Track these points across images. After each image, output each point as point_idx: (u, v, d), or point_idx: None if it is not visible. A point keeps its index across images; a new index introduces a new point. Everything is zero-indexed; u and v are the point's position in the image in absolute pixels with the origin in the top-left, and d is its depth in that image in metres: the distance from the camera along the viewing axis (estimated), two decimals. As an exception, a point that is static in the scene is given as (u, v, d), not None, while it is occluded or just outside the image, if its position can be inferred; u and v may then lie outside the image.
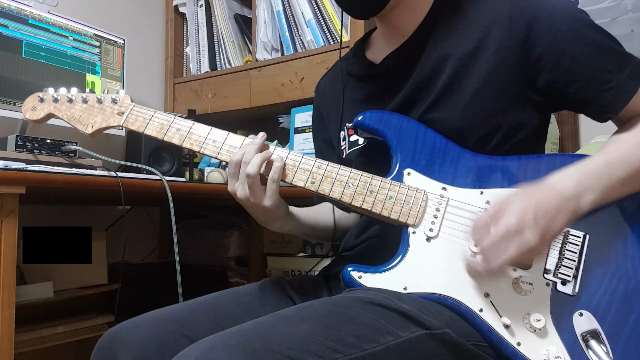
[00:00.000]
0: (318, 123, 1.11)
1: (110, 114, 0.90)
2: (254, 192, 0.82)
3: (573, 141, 1.78)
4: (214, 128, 0.86)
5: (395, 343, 0.66)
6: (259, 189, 0.82)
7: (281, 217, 0.89)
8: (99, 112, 0.90)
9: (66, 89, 0.93)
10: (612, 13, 1.72)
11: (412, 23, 0.90)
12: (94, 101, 0.91)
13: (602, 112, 0.81)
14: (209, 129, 0.86)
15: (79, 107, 0.91)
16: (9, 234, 1.01)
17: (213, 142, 0.85)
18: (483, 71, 0.82)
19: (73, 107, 0.91)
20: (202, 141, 0.85)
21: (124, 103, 0.90)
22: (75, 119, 0.90)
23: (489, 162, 0.82)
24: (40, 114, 0.91)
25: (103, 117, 0.89)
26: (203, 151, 0.85)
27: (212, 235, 2.07)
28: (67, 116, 0.90)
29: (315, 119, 1.12)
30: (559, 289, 0.75)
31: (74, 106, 0.91)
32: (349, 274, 0.77)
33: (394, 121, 0.84)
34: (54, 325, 1.52)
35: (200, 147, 0.85)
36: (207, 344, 0.62)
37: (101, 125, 0.89)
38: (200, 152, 0.85)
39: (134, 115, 0.89)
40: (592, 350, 0.72)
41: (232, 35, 2.10)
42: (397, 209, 0.79)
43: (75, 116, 0.90)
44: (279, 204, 0.85)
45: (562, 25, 0.80)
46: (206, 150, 0.85)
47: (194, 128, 0.86)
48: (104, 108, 0.90)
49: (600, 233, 0.77)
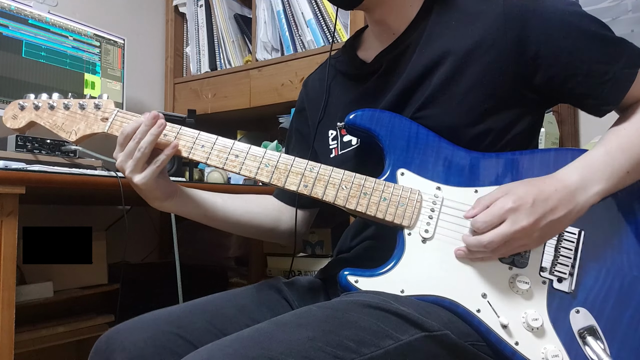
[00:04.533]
0: (298, 117, 1.09)
1: (94, 120, 0.86)
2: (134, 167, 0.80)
3: (573, 141, 1.78)
4: (202, 132, 0.84)
5: (395, 346, 0.66)
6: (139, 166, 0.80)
7: (158, 198, 0.85)
8: (82, 119, 0.86)
9: (47, 95, 0.88)
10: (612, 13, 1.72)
11: (403, 21, 0.89)
12: (76, 107, 0.87)
13: (602, 104, 0.81)
14: (197, 133, 0.83)
15: (61, 113, 0.86)
16: (9, 234, 1.01)
17: (202, 147, 0.83)
18: (477, 69, 0.81)
19: (55, 114, 0.86)
20: (190, 146, 0.83)
21: (108, 108, 0.86)
22: (58, 127, 0.86)
23: (483, 159, 0.81)
24: (21, 122, 0.86)
25: (86, 123, 0.86)
26: (192, 157, 0.82)
27: (212, 235, 2.07)
28: (49, 124, 0.86)
29: (295, 113, 1.10)
30: (556, 286, 0.75)
31: (56, 113, 0.87)
32: (345, 278, 0.77)
33: (385, 120, 0.83)
34: (54, 325, 1.52)
35: (188, 153, 0.82)
36: (205, 353, 0.62)
37: (85, 132, 0.85)
38: (189, 158, 0.82)
39: (118, 120, 0.85)
40: (589, 346, 0.72)
41: (232, 35, 2.10)
42: (392, 210, 0.79)
43: (57, 123, 0.86)
44: (156, 186, 0.83)
45: (556, 20, 0.80)
46: (194, 156, 0.82)
47: (181, 133, 0.83)
48: (87, 114, 0.86)
49: (595, 229, 0.77)
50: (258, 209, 1.00)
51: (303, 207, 1.04)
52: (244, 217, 0.98)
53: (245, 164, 0.82)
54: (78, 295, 1.58)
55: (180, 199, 0.89)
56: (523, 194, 0.72)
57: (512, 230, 0.71)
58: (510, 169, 0.81)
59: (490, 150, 0.82)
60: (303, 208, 1.04)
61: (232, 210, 0.96)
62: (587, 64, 0.79)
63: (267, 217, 1.01)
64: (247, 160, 0.82)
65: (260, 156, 0.82)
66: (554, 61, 0.80)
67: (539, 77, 0.81)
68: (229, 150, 0.82)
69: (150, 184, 0.81)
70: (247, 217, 0.98)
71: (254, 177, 0.81)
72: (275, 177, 0.81)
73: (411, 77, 0.85)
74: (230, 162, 0.82)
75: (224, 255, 2.04)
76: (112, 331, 0.79)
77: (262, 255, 1.93)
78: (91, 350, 0.79)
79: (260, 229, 1.01)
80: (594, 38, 0.80)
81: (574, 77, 0.80)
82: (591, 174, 0.75)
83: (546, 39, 0.79)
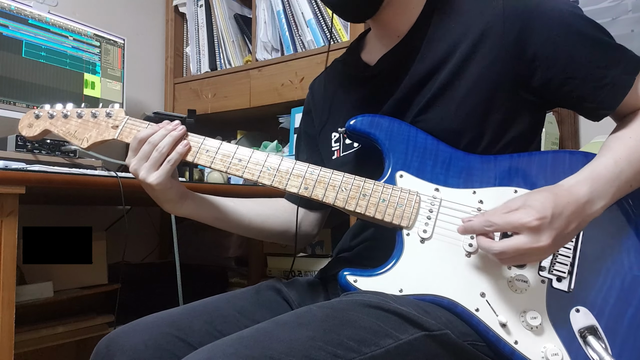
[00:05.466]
0: (305, 119, 1.10)
1: (105, 127, 0.90)
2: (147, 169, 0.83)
3: (573, 141, 1.78)
4: (208, 138, 0.87)
5: (395, 346, 0.66)
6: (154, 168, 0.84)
7: (172, 199, 0.88)
8: (93, 127, 0.91)
9: (62, 105, 0.94)
10: (612, 13, 1.72)
11: (405, 23, 0.89)
12: (88, 116, 0.91)
13: (599, 108, 0.81)
14: (202, 139, 0.87)
15: (74, 122, 0.91)
16: (9, 234, 1.02)
17: (207, 152, 0.86)
18: (476, 71, 0.82)
19: (68, 122, 0.91)
20: (195, 151, 0.86)
21: (118, 116, 0.91)
22: (70, 134, 0.91)
23: (481, 161, 0.82)
24: (36, 131, 0.92)
25: (98, 131, 0.90)
26: (197, 161, 0.86)
27: (212, 235, 2.07)
28: (62, 131, 0.91)
29: (303, 115, 1.11)
30: (555, 285, 0.75)
31: (69, 121, 0.91)
32: (344, 278, 0.77)
33: (385, 124, 0.85)
34: (54, 325, 1.52)
35: (193, 158, 0.86)
36: (205, 353, 0.62)
37: (96, 139, 0.90)
38: (194, 162, 0.86)
39: (127, 128, 0.89)
40: (590, 346, 0.72)
41: (232, 35, 2.10)
42: (391, 211, 0.80)
43: (70, 131, 0.91)
44: (170, 185, 0.85)
45: (555, 23, 0.80)
46: (200, 160, 0.86)
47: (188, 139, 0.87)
48: (99, 122, 0.91)
49: (594, 228, 0.77)
50: (270, 211, 1.02)
51: (314, 209, 1.05)
52: (257, 220, 0.99)
53: (247, 167, 0.84)
54: (78, 295, 1.58)
55: (193, 202, 0.91)
56: (542, 209, 0.69)
57: (531, 246, 0.68)
58: (508, 170, 0.81)
59: (488, 152, 0.82)
60: (314, 210, 1.06)
61: (245, 212, 0.97)
62: (586, 68, 0.79)
63: (278, 219, 1.02)
64: (249, 164, 0.84)
65: (262, 160, 0.85)
66: (552, 63, 0.80)
67: (537, 79, 0.81)
68: (232, 154, 0.85)
69: (165, 183, 0.83)
70: (259, 220, 0.99)
71: (257, 179, 0.84)
72: (277, 179, 0.84)
73: (413, 81, 0.86)
74: (233, 165, 0.85)
75: (224, 255, 2.04)
76: (112, 334, 0.80)
77: (262, 255, 1.93)
78: (91, 354, 0.79)
79: (273, 231, 1.02)
80: (593, 42, 0.80)
81: (572, 80, 0.80)
82: (600, 187, 0.74)
83: (545, 41, 0.79)
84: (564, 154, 0.82)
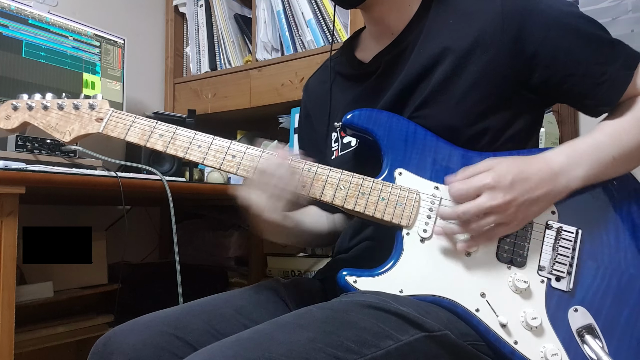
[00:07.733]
0: (305, 123, 1.09)
1: (89, 120, 0.85)
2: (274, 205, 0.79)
3: (573, 141, 1.77)
4: (199, 132, 0.83)
5: (396, 347, 0.66)
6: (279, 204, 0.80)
7: (276, 233, 0.87)
8: (76, 119, 0.85)
9: (40, 95, 0.88)
10: (612, 13, 1.72)
11: (401, 20, 0.89)
12: (70, 107, 0.86)
13: (599, 104, 0.82)
14: (192, 134, 0.82)
15: (55, 114, 0.86)
16: (9, 234, 1.01)
17: (198, 147, 0.82)
18: (475, 68, 0.82)
19: (49, 114, 0.86)
20: (186, 147, 0.82)
21: (102, 108, 0.85)
22: (51, 127, 0.85)
23: (480, 159, 0.81)
24: (14, 123, 0.86)
25: (81, 124, 0.85)
26: (188, 157, 0.81)
27: (212, 235, 2.07)
28: (43, 124, 0.85)
29: (302, 119, 1.10)
30: (554, 285, 0.76)
31: (50, 113, 0.86)
32: (344, 279, 0.77)
33: (383, 119, 0.83)
34: (54, 325, 1.52)
35: (185, 153, 0.81)
36: (205, 355, 0.62)
37: (79, 132, 0.85)
38: (185, 158, 0.82)
39: (113, 121, 0.84)
40: (587, 345, 0.72)
41: (232, 35, 2.10)
42: (390, 210, 0.79)
43: (51, 124, 0.85)
44: (282, 218, 0.83)
45: (554, 20, 0.80)
46: (191, 156, 0.81)
47: (177, 133, 0.82)
48: (82, 114, 0.85)
49: (592, 228, 0.78)
50: (314, 217, 1.02)
51: None
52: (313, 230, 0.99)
53: (242, 164, 0.81)
54: (78, 295, 1.58)
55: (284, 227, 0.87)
56: (504, 172, 0.74)
57: (486, 204, 0.72)
58: None
59: (488, 149, 0.82)
60: None
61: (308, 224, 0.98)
62: (584, 65, 0.80)
63: (317, 222, 1.02)
64: (244, 161, 0.81)
65: (257, 156, 0.81)
66: (551, 61, 0.80)
67: (536, 77, 0.81)
68: (225, 150, 0.82)
69: (279, 218, 0.81)
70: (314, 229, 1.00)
71: (252, 177, 0.81)
72: None
73: (410, 77, 0.85)
74: (227, 162, 0.81)
75: (224, 255, 2.04)
76: (110, 333, 0.79)
77: (262, 255, 1.93)
78: (89, 353, 0.79)
79: (320, 235, 1.02)
80: (591, 39, 0.80)
81: (571, 77, 0.80)
82: (577, 157, 0.77)
83: (544, 39, 0.80)
84: None
